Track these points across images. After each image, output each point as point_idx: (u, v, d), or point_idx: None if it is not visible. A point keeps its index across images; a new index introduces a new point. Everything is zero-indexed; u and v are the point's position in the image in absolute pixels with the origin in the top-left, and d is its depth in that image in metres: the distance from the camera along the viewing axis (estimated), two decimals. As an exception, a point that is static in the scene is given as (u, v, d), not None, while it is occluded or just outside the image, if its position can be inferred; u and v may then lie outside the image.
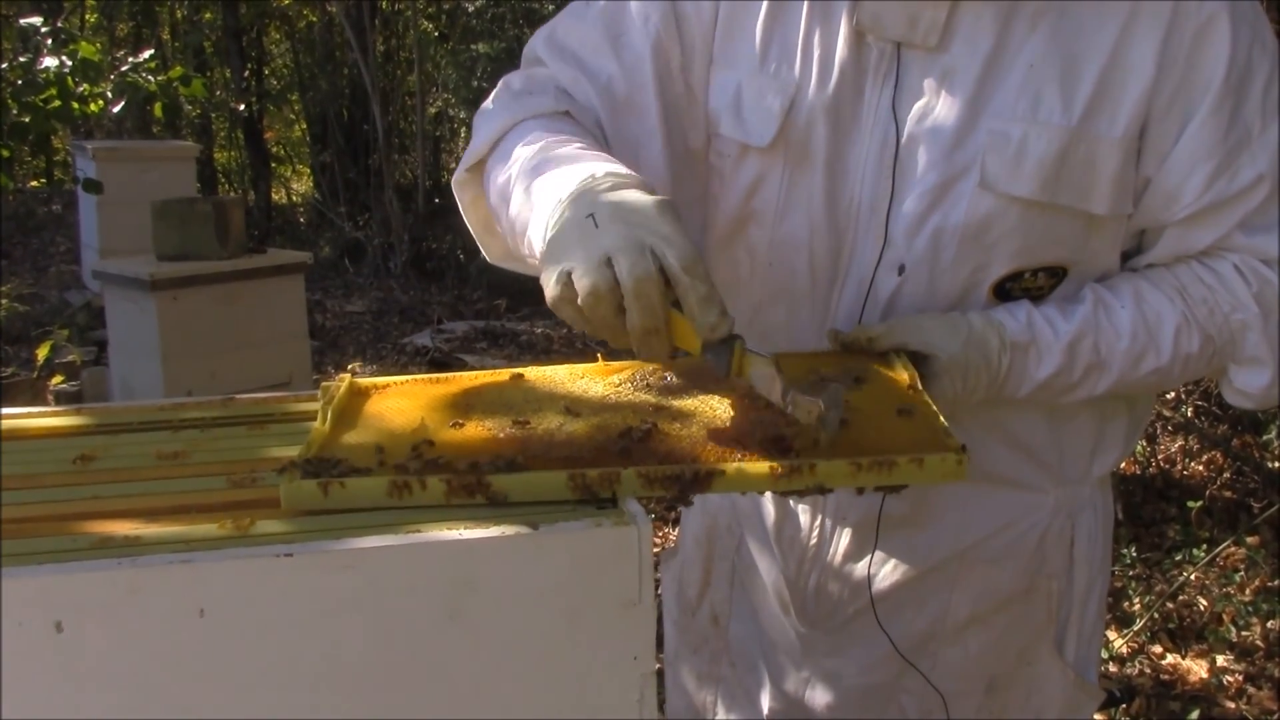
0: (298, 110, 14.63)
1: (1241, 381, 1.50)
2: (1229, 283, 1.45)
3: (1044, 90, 1.37)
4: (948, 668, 1.62)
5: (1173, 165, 1.40)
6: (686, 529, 1.83)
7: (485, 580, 0.93)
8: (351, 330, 8.75)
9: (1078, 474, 1.60)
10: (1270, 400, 1.52)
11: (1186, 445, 5.06)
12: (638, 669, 0.97)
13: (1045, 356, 1.44)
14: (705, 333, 1.13)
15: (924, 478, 1.11)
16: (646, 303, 1.10)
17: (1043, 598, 1.62)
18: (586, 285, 1.11)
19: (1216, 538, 4.24)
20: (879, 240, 1.45)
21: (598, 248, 1.12)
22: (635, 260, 1.10)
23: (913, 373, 1.33)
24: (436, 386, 1.27)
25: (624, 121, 1.51)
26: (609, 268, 1.11)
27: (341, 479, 1.02)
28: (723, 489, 1.07)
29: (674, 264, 1.11)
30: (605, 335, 1.15)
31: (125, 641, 0.88)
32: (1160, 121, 1.39)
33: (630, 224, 1.13)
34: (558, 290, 1.14)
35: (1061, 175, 1.38)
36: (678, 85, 1.52)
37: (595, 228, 1.13)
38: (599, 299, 1.11)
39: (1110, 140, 1.38)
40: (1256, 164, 1.39)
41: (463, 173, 1.54)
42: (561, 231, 1.17)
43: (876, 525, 1.54)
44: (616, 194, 1.18)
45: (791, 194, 1.49)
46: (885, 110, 1.42)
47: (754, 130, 1.48)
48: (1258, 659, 3.73)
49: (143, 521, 0.99)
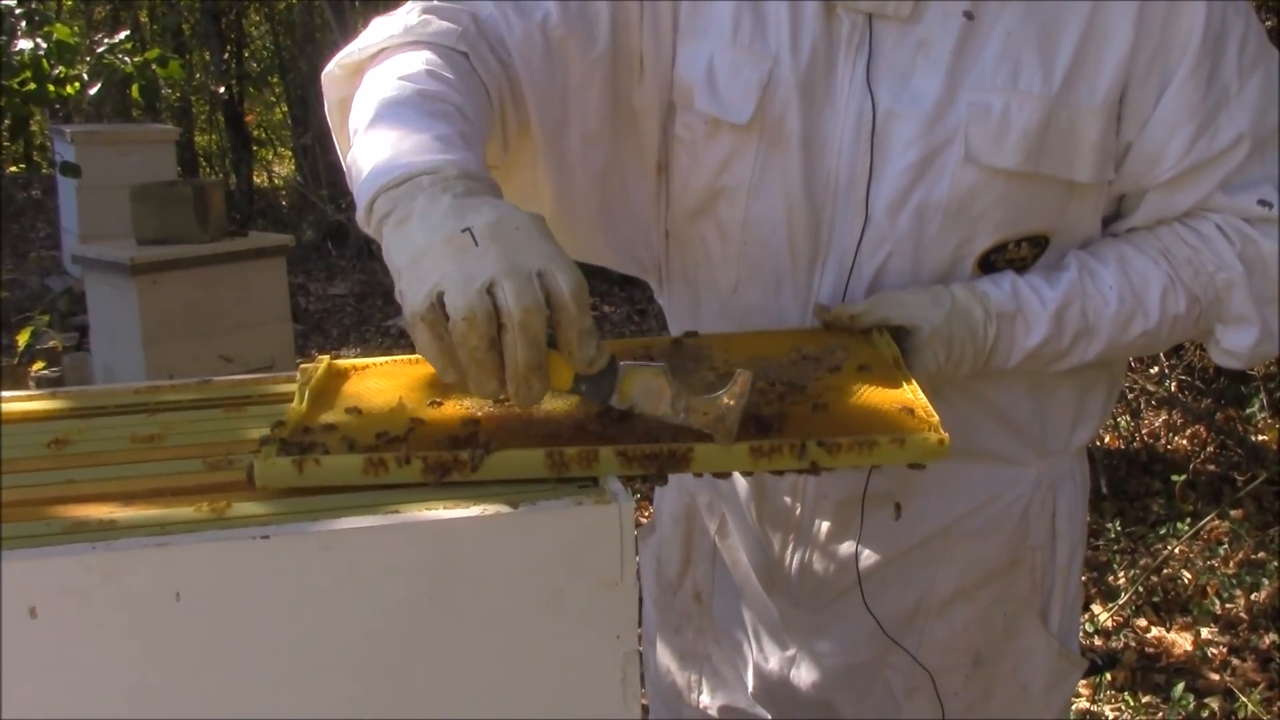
0: (278, 93, 14.53)
1: (1229, 341, 1.50)
2: (1212, 242, 1.45)
3: (1023, 59, 1.36)
4: (934, 643, 1.62)
5: (1153, 129, 1.40)
6: (663, 507, 1.83)
7: (466, 560, 0.92)
8: (335, 313, 8.72)
9: (1059, 445, 1.60)
10: (1257, 358, 1.53)
11: (1170, 420, 5.08)
12: (620, 648, 0.97)
13: (1033, 325, 1.44)
14: (583, 367, 1.04)
15: (906, 457, 1.10)
16: (532, 336, 0.99)
17: (1027, 570, 1.62)
18: (462, 309, 0.98)
19: (1200, 511, 4.26)
20: (859, 218, 1.44)
21: (479, 271, 0.99)
22: (523, 289, 0.98)
23: (895, 351, 1.33)
24: (416, 367, 1.26)
25: (553, 65, 1.45)
26: (489, 295, 0.98)
27: (317, 457, 1.01)
28: (701, 468, 1.07)
29: (564, 293, 1.00)
30: (471, 370, 1.01)
31: (101, 626, 0.87)
32: (1139, 86, 1.39)
33: (514, 246, 1.01)
34: (424, 309, 1.00)
35: (1045, 145, 1.38)
36: (632, 40, 1.48)
37: (474, 245, 1.00)
38: (474, 327, 0.98)
39: (1091, 108, 1.38)
40: (1236, 123, 1.39)
41: (336, 68, 1.42)
42: (421, 234, 1.04)
43: (861, 504, 1.53)
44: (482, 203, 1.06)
45: (766, 171, 1.47)
46: (860, 84, 1.40)
47: (730, 106, 1.46)
48: (1241, 631, 3.75)
49: (118, 505, 0.98)
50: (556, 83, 1.46)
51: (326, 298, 9.15)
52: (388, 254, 1.07)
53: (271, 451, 1.01)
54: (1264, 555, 4.08)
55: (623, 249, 1.65)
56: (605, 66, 1.48)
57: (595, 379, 1.06)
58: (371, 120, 1.24)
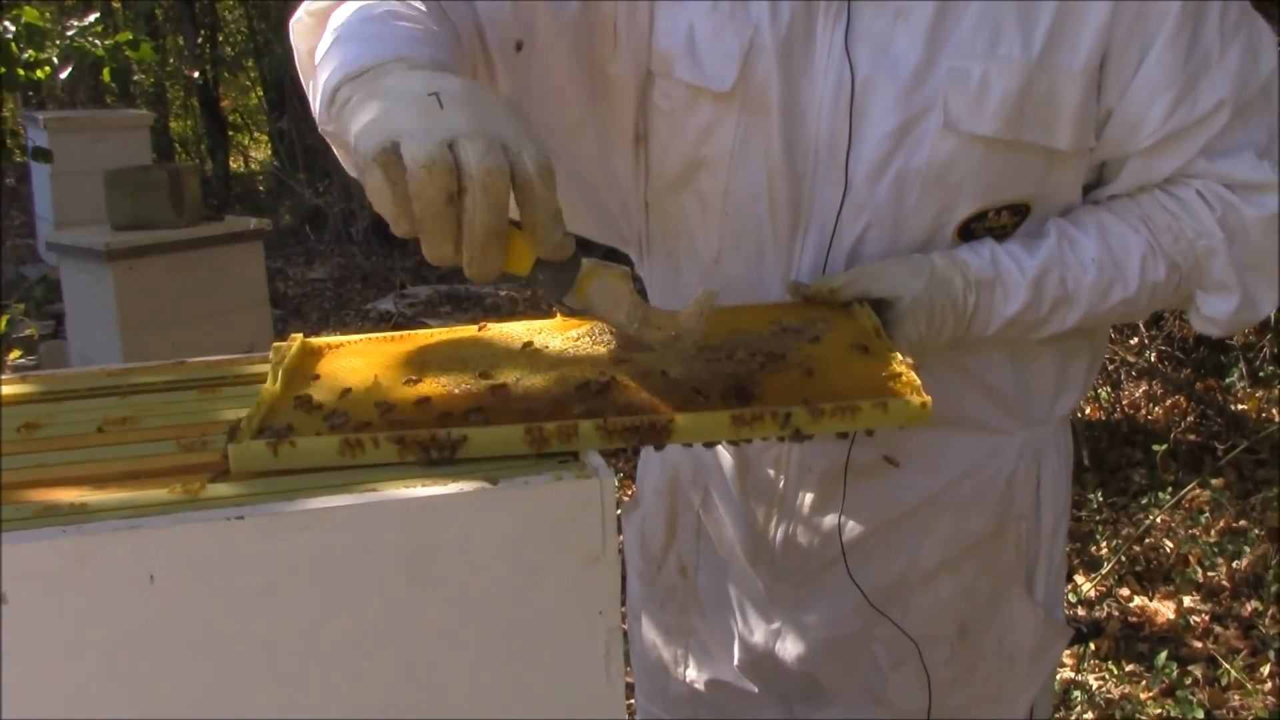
0: (254, 77, 14.43)
1: (1209, 308, 1.50)
2: (1193, 209, 1.44)
3: (1002, 25, 1.35)
4: (920, 614, 1.61)
5: (1134, 95, 1.39)
6: (645, 482, 1.82)
7: (445, 538, 0.91)
8: (314, 297, 8.68)
9: (1042, 414, 1.60)
10: (1237, 325, 1.53)
11: (1151, 390, 5.10)
12: (603, 623, 0.95)
13: (1012, 293, 1.43)
14: (549, 250, 0.99)
15: (888, 421, 1.09)
16: (495, 199, 0.94)
17: (1011, 540, 1.62)
18: (421, 158, 0.93)
19: (1181, 481, 4.28)
20: (839, 186, 1.43)
21: (442, 127, 0.94)
22: (488, 149, 0.93)
23: (876, 322, 1.32)
24: (391, 344, 1.25)
25: (520, 25, 1.43)
26: (450, 150, 0.94)
27: (292, 439, 0.99)
28: (683, 439, 1.05)
29: (529, 167, 0.95)
30: (426, 226, 0.95)
31: (74, 611, 0.85)
32: (1119, 52, 1.37)
33: (482, 113, 0.96)
34: (376, 151, 0.94)
35: (1024, 111, 1.37)
36: (605, 8, 1.46)
37: (440, 108, 0.96)
38: (433, 174, 0.93)
39: (1071, 74, 1.37)
40: (1217, 89, 1.39)
41: (304, 15, 1.36)
42: (392, 103, 0.99)
43: (844, 475, 1.53)
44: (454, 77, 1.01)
45: (747, 141, 1.45)
46: (839, 51, 1.39)
47: (712, 74, 1.44)
48: (1224, 599, 3.78)
49: (90, 488, 0.96)
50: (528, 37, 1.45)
51: (305, 282, 9.11)
52: (347, 132, 1.01)
53: (246, 434, 1.00)
54: (1245, 523, 4.11)
55: (603, 218, 1.64)
56: (574, 30, 1.46)
57: (556, 269, 1.02)
58: (335, 39, 1.19)
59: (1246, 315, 1.50)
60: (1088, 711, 3.25)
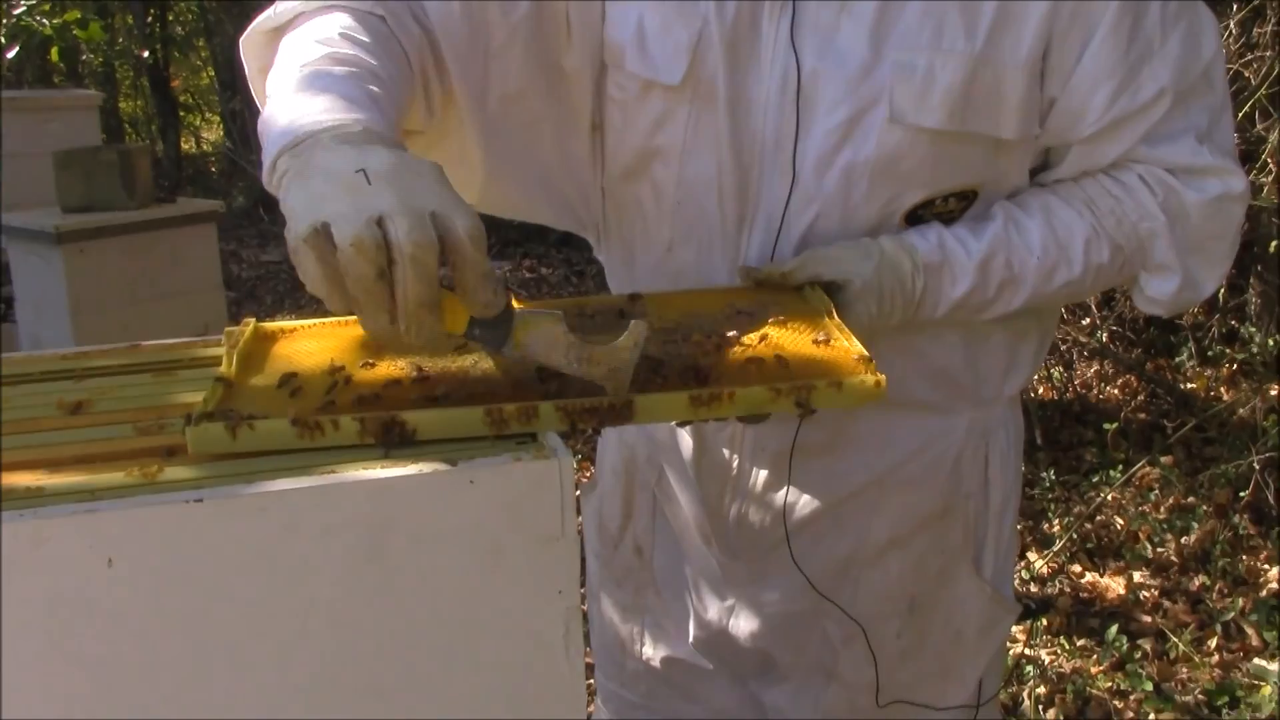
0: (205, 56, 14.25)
1: (1152, 289, 1.53)
2: (1135, 193, 1.47)
3: (946, 18, 1.36)
4: (870, 591, 1.64)
5: (1076, 85, 1.41)
6: (604, 462, 1.83)
7: (404, 520, 0.91)
8: (268, 280, 8.60)
9: (991, 394, 1.62)
10: (1180, 306, 1.56)
11: (1102, 370, 5.17)
12: (562, 603, 0.97)
13: (959, 276, 1.45)
14: (481, 309, 1.02)
15: (843, 401, 1.11)
16: (424, 271, 0.96)
17: (960, 518, 1.65)
18: (349, 237, 0.94)
19: (1132, 459, 4.34)
20: (787, 178, 1.44)
21: (369, 205, 0.96)
22: (414, 224, 0.95)
23: (828, 303, 1.34)
24: (347, 328, 1.24)
25: (473, 28, 1.44)
26: (378, 227, 0.96)
27: (251, 421, 0.99)
28: (642, 420, 1.07)
29: (460, 234, 0.97)
30: (360, 301, 0.97)
31: (31, 595, 0.85)
32: (1061, 42, 1.39)
33: (409, 187, 0.99)
34: (307, 233, 0.96)
35: (969, 103, 1.38)
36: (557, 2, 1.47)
37: (367, 184, 0.98)
38: (361, 253, 0.94)
39: (1015, 64, 1.38)
40: (1158, 78, 1.41)
41: (254, 33, 1.38)
42: (321, 182, 1.01)
43: (790, 456, 1.54)
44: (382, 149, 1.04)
45: (698, 132, 1.46)
46: (784, 43, 1.40)
47: (662, 66, 1.45)
48: (1172, 574, 3.85)
49: (45, 473, 0.95)
50: (478, 45, 1.45)
51: (259, 264, 9.03)
52: (284, 205, 1.03)
53: (204, 418, 0.99)
54: (1193, 500, 4.18)
55: (562, 206, 1.64)
56: (528, 29, 1.46)
57: (490, 324, 1.04)
58: (281, 86, 1.21)
59: (1189, 295, 1.53)
60: (1039, 685, 3.30)
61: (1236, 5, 4.33)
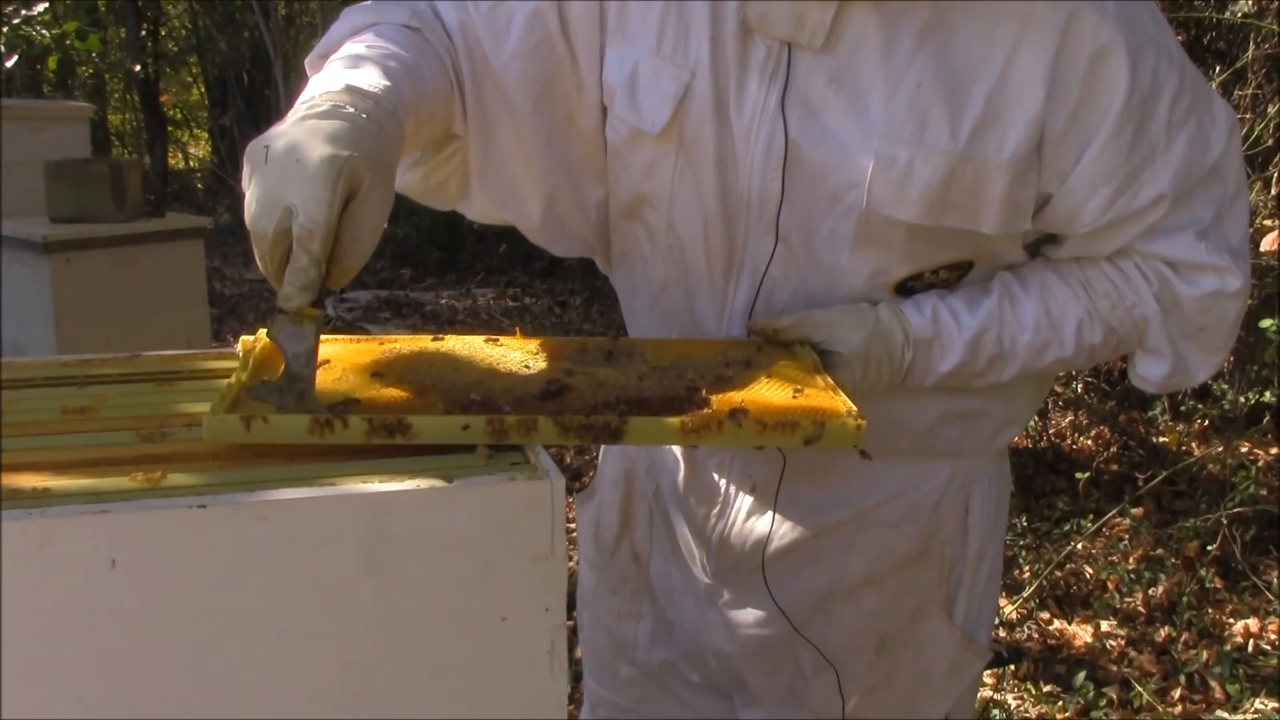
0: (196, 73, 14.26)
1: (1144, 369, 1.56)
2: (1132, 280, 1.49)
3: (931, 113, 1.36)
4: (843, 625, 1.66)
5: (1072, 186, 1.42)
6: (603, 472, 1.85)
7: (399, 533, 0.94)
8: (251, 298, 8.60)
9: (977, 448, 1.65)
10: (1169, 388, 1.59)
11: (1076, 420, 5.22)
12: (549, 620, 0.99)
13: (949, 351, 1.48)
14: (280, 299, 1.10)
15: (824, 440, 1.15)
16: (261, 253, 1.09)
17: (935, 561, 1.67)
18: (248, 219, 1.08)
19: (1103, 509, 4.38)
20: (770, 239, 1.46)
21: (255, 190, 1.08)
22: (261, 214, 1.07)
23: (816, 360, 1.38)
24: (355, 345, 1.28)
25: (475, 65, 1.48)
26: None
27: (265, 415, 1.03)
28: (635, 441, 1.11)
29: (297, 229, 1.06)
30: None
31: (36, 594, 0.87)
32: (1058, 144, 1.39)
33: (280, 176, 1.07)
34: None
35: (947, 199, 1.39)
36: (558, 48, 1.49)
37: (264, 163, 1.09)
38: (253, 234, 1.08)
39: (998, 164, 1.38)
40: (1158, 183, 1.40)
41: (313, 56, 1.45)
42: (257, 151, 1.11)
43: (776, 489, 1.57)
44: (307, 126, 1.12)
45: (683, 182, 1.49)
46: (773, 110, 1.41)
47: (646, 114, 1.47)
48: (1139, 624, 3.88)
49: (50, 475, 0.98)
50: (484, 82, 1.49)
51: (243, 282, 9.02)
52: None
53: (220, 409, 1.03)
54: (1162, 552, 4.22)
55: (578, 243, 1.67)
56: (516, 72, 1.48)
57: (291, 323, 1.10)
58: None
59: (1179, 380, 1.56)
60: (1005, 730, 3.33)
61: (1219, 67, 4.42)
